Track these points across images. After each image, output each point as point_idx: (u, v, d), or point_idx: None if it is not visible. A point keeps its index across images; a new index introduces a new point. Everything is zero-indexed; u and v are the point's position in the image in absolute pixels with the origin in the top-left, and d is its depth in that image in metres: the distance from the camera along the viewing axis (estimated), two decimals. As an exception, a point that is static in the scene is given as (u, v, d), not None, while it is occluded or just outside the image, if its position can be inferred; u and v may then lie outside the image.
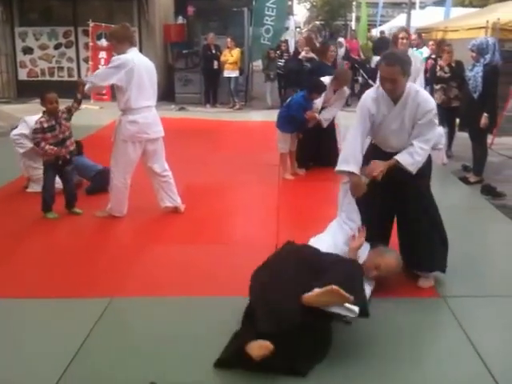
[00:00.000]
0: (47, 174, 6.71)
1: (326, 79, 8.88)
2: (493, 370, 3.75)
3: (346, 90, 9.10)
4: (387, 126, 4.79)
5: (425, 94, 4.81)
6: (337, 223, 5.00)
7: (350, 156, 4.80)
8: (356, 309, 3.71)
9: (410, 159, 4.65)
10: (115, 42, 6.47)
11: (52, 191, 6.76)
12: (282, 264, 4.26)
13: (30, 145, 7.42)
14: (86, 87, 6.53)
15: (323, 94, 8.62)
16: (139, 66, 6.35)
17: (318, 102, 8.62)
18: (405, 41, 7.93)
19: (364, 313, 3.81)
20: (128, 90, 6.30)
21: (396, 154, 4.75)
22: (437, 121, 4.80)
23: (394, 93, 4.71)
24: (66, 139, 6.66)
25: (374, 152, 5.01)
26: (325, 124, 8.85)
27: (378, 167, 4.69)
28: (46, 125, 6.49)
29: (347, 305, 3.70)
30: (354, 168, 4.74)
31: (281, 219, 6.82)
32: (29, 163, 7.61)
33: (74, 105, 6.72)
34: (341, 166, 4.83)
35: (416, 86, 4.86)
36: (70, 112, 6.70)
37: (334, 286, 3.66)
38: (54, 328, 4.31)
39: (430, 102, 4.71)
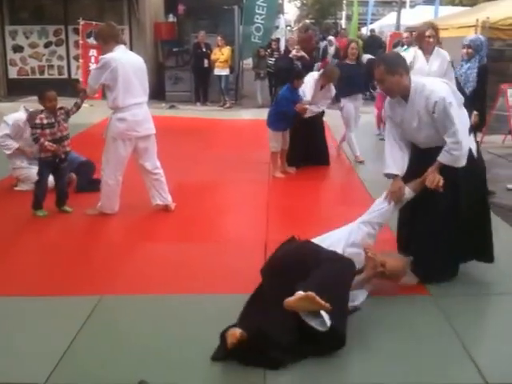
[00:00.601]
0: (42, 171, 6.71)
1: (315, 74, 8.95)
2: (481, 367, 3.78)
3: (333, 88, 9.11)
4: (408, 125, 4.79)
5: (432, 85, 4.69)
6: (356, 225, 4.91)
7: (390, 161, 4.90)
8: (328, 322, 3.68)
9: (449, 157, 4.61)
10: (102, 42, 6.51)
11: (45, 189, 6.75)
12: (282, 264, 4.31)
13: (15, 145, 7.45)
14: (88, 91, 6.62)
15: (312, 86, 8.68)
16: (125, 64, 6.34)
17: (308, 95, 8.63)
18: (431, 39, 7.43)
19: (338, 334, 3.80)
20: (115, 88, 6.31)
21: (432, 149, 4.76)
22: (454, 108, 4.60)
23: (392, 93, 4.74)
24: (63, 138, 6.68)
25: (413, 151, 5.02)
26: (308, 114, 8.87)
27: (436, 177, 4.65)
28: (45, 121, 6.51)
29: (323, 313, 3.69)
30: (396, 170, 4.85)
31: (270, 217, 6.83)
32: (16, 163, 7.61)
33: (72, 109, 6.76)
34: (385, 169, 4.95)
35: (423, 80, 4.78)
36: (67, 114, 6.74)
37: (310, 293, 3.66)
38: (43, 326, 4.30)
39: (436, 91, 4.58)
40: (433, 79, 4.99)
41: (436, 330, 4.28)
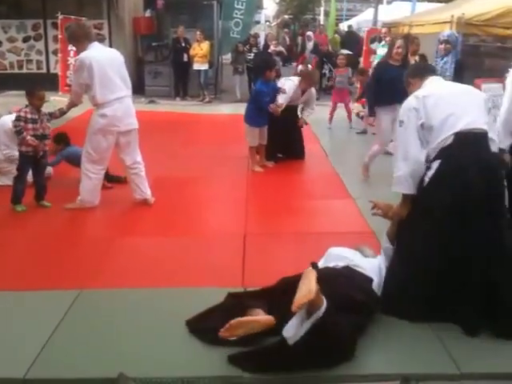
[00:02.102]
0: (23, 166, 6.70)
1: (294, 80, 9.01)
2: (455, 357, 3.86)
3: (314, 92, 9.21)
4: None
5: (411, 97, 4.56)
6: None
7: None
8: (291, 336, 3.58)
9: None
10: (74, 43, 6.54)
11: (25, 184, 6.75)
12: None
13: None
14: (72, 97, 6.68)
15: (290, 92, 8.73)
16: (99, 61, 6.34)
17: (283, 100, 8.65)
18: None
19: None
20: (92, 85, 6.33)
21: None
22: (401, 128, 4.50)
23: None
24: (45, 137, 6.70)
25: None
26: (307, 122, 9.14)
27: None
28: (29, 115, 6.51)
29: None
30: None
31: (249, 211, 6.91)
32: None
33: (56, 112, 6.81)
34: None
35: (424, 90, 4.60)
36: (50, 116, 6.78)
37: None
38: (21, 320, 4.29)
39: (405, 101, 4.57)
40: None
41: (409, 321, 4.30)
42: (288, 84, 8.86)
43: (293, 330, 3.59)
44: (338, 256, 4.54)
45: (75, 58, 6.43)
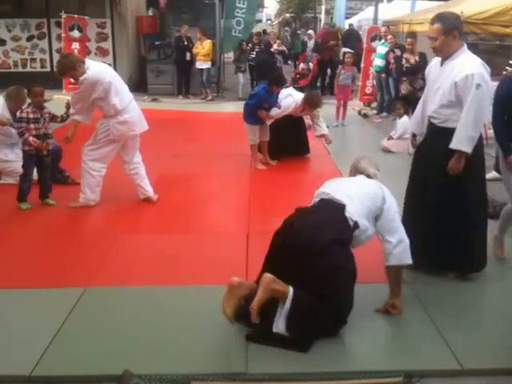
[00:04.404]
0: (28, 165, 6.72)
1: (298, 99, 8.88)
2: (457, 353, 3.89)
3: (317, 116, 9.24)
4: (432, 85, 4.97)
5: (475, 61, 4.65)
6: None
7: (412, 121, 5.00)
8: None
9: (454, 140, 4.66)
10: (73, 73, 6.43)
11: (31, 182, 6.78)
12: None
13: None
14: (77, 117, 6.64)
15: (288, 110, 8.73)
16: (107, 72, 6.54)
17: (274, 113, 8.67)
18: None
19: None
20: (108, 96, 6.42)
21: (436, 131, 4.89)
22: (479, 92, 4.53)
23: (440, 52, 4.79)
24: (47, 136, 6.73)
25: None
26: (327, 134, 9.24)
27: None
28: (31, 116, 6.54)
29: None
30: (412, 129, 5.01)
31: (252, 208, 6.93)
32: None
33: (57, 117, 6.84)
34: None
35: (473, 55, 4.74)
36: (52, 118, 6.81)
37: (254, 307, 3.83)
38: (27, 318, 4.33)
39: (473, 68, 4.57)
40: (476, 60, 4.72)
41: (411, 316, 4.37)
42: (287, 101, 8.78)
43: (278, 324, 3.92)
44: (318, 192, 4.59)
45: (83, 78, 6.31)
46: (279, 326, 3.92)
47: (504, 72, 5.88)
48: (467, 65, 4.59)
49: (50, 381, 3.67)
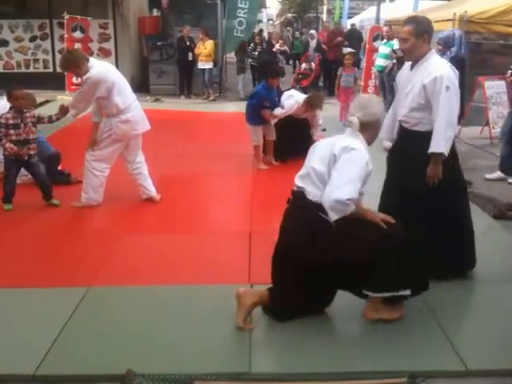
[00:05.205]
0: (9, 167, 6.65)
1: (299, 99, 8.86)
2: (462, 354, 3.87)
3: (319, 115, 9.23)
4: (402, 89, 4.97)
5: (443, 64, 4.73)
6: None
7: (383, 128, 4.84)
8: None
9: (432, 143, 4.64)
10: (76, 69, 6.44)
11: (14, 184, 6.70)
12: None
13: None
14: (74, 112, 6.65)
15: (290, 109, 8.70)
16: (110, 71, 6.54)
17: (278, 112, 8.68)
18: None
19: None
20: (110, 96, 6.42)
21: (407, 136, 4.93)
22: (449, 94, 4.56)
23: (410, 55, 4.83)
24: (29, 141, 6.60)
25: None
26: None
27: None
28: (10, 121, 6.45)
29: None
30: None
31: (254, 209, 6.93)
32: None
33: (45, 118, 6.74)
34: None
35: (441, 59, 4.87)
36: (38, 120, 6.69)
37: None
38: (31, 317, 4.33)
39: (441, 69, 4.62)
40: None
41: (416, 317, 4.34)
42: (290, 102, 8.77)
43: None
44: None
45: (86, 77, 6.30)
46: None
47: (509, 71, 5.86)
48: (436, 67, 4.64)
49: (54, 380, 3.67)
